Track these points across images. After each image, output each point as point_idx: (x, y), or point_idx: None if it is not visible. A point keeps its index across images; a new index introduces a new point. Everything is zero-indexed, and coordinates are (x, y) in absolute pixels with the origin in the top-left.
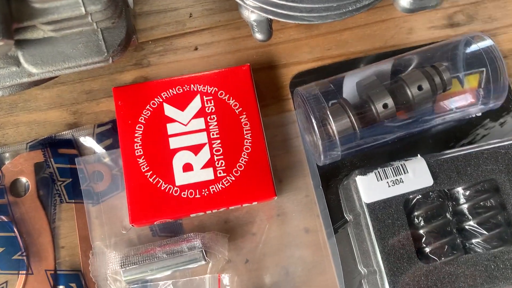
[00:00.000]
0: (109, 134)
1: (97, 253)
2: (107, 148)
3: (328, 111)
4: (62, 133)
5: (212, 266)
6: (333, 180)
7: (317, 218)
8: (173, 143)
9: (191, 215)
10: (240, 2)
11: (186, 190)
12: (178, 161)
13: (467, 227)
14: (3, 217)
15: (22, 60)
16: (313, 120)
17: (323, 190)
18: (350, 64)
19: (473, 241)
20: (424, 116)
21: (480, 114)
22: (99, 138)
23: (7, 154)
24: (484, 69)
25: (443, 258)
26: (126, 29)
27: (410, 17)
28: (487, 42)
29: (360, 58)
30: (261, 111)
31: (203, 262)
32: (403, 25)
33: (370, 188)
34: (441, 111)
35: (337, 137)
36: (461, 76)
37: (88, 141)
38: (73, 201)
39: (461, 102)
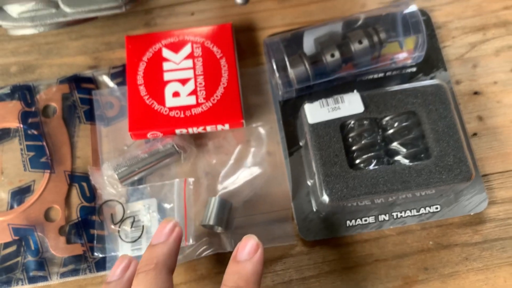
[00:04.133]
0: (121, 74)
1: (93, 173)
2: (118, 84)
3: (285, 56)
4: (85, 72)
5: (184, 160)
6: (292, 116)
7: (277, 144)
8: (167, 76)
9: (177, 132)
10: None
11: (174, 111)
12: (169, 89)
13: (391, 147)
14: (35, 131)
15: (60, 3)
16: (272, 61)
17: (283, 124)
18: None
19: (396, 158)
20: (364, 67)
21: (414, 68)
22: (113, 77)
23: (42, 86)
24: (420, 34)
25: (369, 167)
26: None
27: None
28: (411, 8)
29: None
30: (241, 63)
31: (176, 154)
32: (357, 1)
33: (314, 112)
34: (383, 64)
35: (293, 77)
36: (401, 40)
37: (104, 79)
38: (89, 123)
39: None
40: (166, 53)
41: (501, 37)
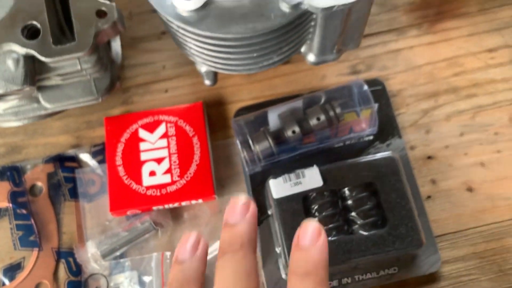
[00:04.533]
0: (101, 152)
1: (78, 250)
2: (99, 162)
3: (248, 136)
4: (68, 151)
5: (162, 233)
6: (261, 186)
7: None
8: (143, 156)
9: (154, 208)
10: (193, 60)
11: (150, 189)
12: (146, 169)
13: (350, 217)
14: (24, 210)
15: (41, 99)
16: (238, 142)
17: (252, 193)
18: (278, 101)
19: (354, 227)
20: (324, 139)
21: (371, 136)
22: (94, 155)
23: (28, 166)
24: (376, 104)
25: (330, 238)
26: (111, 78)
27: (323, 68)
28: (364, 87)
29: (285, 97)
30: (211, 136)
31: (153, 231)
32: (318, 73)
33: (278, 187)
34: (342, 135)
35: (259, 154)
36: (358, 110)
37: (85, 157)
38: (73, 200)
39: (356, 128)
40: (142, 133)
41: (452, 103)
